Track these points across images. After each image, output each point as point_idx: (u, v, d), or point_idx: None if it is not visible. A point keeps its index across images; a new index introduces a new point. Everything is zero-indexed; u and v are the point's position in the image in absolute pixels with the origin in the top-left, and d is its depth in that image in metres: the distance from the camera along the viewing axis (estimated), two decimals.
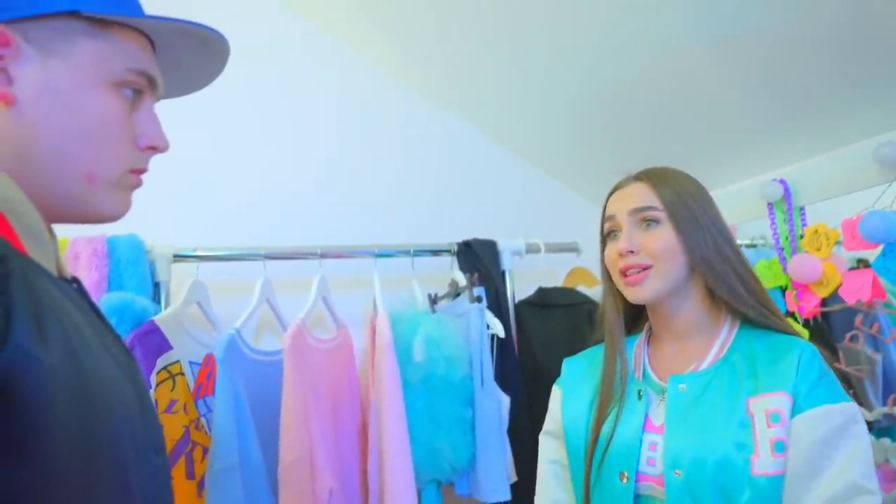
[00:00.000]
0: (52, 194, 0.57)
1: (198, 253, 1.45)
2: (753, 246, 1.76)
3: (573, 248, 1.85)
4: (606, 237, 0.99)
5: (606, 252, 0.99)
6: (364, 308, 1.77)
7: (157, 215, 1.53)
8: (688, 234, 0.91)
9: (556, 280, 1.89)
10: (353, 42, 1.89)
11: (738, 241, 1.68)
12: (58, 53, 0.56)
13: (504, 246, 1.73)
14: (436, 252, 1.70)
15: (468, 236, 1.73)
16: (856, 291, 1.26)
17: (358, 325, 1.73)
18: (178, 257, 1.43)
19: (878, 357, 1.48)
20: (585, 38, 1.48)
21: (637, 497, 0.90)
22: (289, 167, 1.81)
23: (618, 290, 0.99)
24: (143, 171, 0.63)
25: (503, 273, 1.73)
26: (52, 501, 0.43)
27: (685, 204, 0.92)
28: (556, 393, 1.09)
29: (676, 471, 0.84)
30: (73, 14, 0.56)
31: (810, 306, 1.39)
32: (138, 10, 0.62)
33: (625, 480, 0.90)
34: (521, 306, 1.77)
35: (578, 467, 0.99)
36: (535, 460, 1.59)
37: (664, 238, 0.91)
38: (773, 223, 1.50)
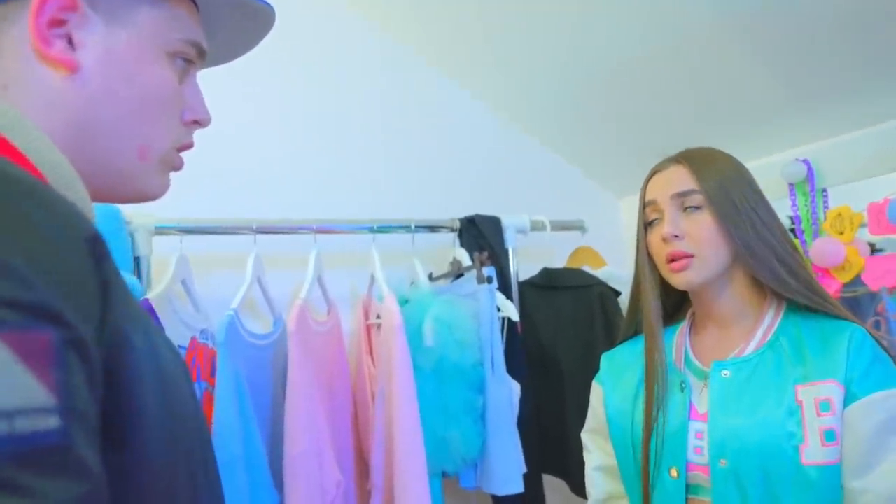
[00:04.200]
0: (102, 171, 0.59)
1: (182, 225, 1.47)
2: None
3: (579, 227, 1.96)
4: (648, 224, 1.08)
5: (650, 238, 1.07)
6: (350, 288, 1.83)
7: None
8: (727, 220, 0.99)
9: (559, 260, 1.99)
10: (352, 6, 1.93)
11: None
12: (120, 20, 0.58)
13: (508, 223, 1.82)
14: (435, 228, 1.78)
15: (468, 212, 1.81)
16: (880, 277, 1.41)
17: (349, 304, 1.80)
18: (160, 230, 1.45)
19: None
20: (597, 13, 1.57)
21: (687, 488, 0.99)
22: (281, 134, 1.84)
23: (657, 277, 1.08)
24: (189, 146, 0.67)
25: (507, 251, 1.82)
26: (144, 491, 0.47)
27: (724, 189, 1.01)
28: (596, 389, 1.19)
29: (722, 460, 0.93)
30: None
31: (831, 291, 1.54)
32: None
33: (675, 475, 0.99)
34: (525, 287, 1.86)
35: (628, 463, 1.09)
36: (538, 452, 1.72)
37: (706, 225, 1.00)
38: (794, 205, 1.64)
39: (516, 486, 1.52)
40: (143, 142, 0.61)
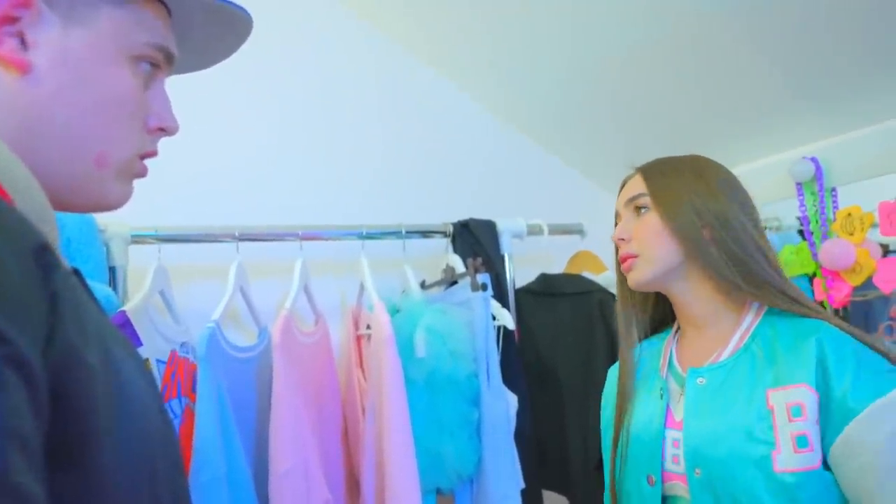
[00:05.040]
0: (57, 177, 0.58)
1: (160, 234, 1.44)
2: (766, 229, 1.88)
3: (577, 231, 1.93)
4: None
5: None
6: (340, 297, 1.80)
7: None
8: (670, 216, 1.03)
9: (557, 265, 1.97)
10: (344, 3, 1.91)
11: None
12: (80, 21, 0.57)
13: (504, 227, 1.80)
14: (427, 233, 1.75)
15: (462, 217, 1.79)
16: (893, 279, 1.38)
17: (333, 315, 1.76)
18: (137, 238, 1.42)
19: None
20: (596, 9, 1.55)
21: (666, 498, 1.00)
22: (265, 136, 1.81)
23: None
24: (152, 154, 0.66)
25: (503, 257, 1.79)
26: None
27: (669, 187, 1.05)
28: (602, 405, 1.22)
29: (697, 469, 0.94)
30: None
31: (841, 295, 1.52)
32: None
33: (652, 484, 1.00)
34: (521, 294, 1.84)
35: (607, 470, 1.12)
36: (537, 467, 1.69)
37: (649, 224, 1.05)
38: (801, 205, 1.61)
39: None
40: (101, 148, 0.59)
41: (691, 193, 1.03)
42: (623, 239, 1.07)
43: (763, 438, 0.90)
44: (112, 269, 1.41)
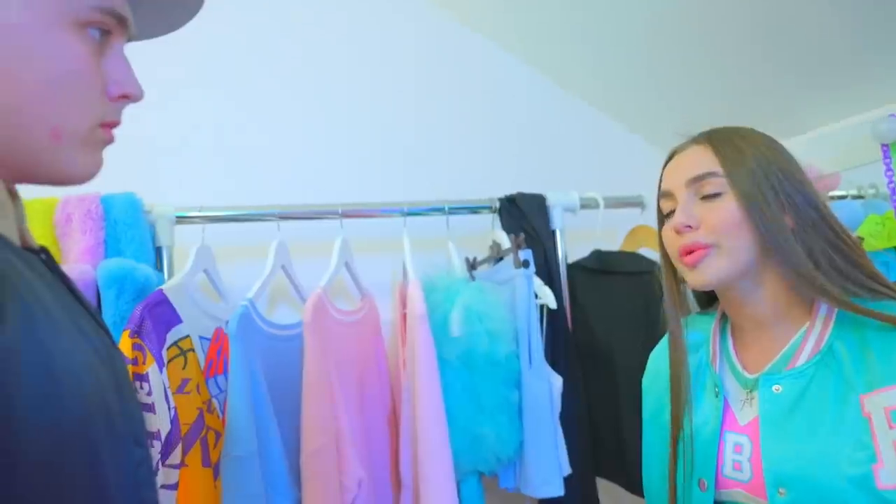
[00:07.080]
0: (12, 153, 0.57)
1: (204, 213, 1.50)
2: (861, 197, 1.73)
3: (637, 203, 1.85)
4: (665, 217, 1.00)
5: (663, 231, 0.99)
6: (391, 274, 1.81)
7: (157, 171, 1.59)
8: (752, 205, 0.89)
9: (615, 241, 1.89)
10: None
11: (843, 192, 1.68)
12: None
13: (555, 201, 1.74)
14: (474, 209, 1.73)
15: (511, 190, 1.75)
16: None
17: (384, 293, 1.78)
18: (182, 219, 1.49)
19: None
20: None
21: None
22: (304, 114, 1.84)
23: (674, 275, 1.01)
24: (115, 124, 0.64)
25: (553, 233, 1.74)
26: (16, 500, 0.46)
27: (750, 169, 0.91)
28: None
29: (781, 489, 0.84)
30: None
31: None
32: None
33: (704, 489, 0.93)
34: (574, 271, 1.77)
35: (653, 472, 1.05)
36: (590, 453, 1.64)
37: (726, 210, 0.90)
38: (888, 169, 1.49)
39: (555, 489, 1.45)
40: (55, 122, 0.58)
41: (772, 174, 0.90)
42: (690, 226, 0.92)
43: (862, 452, 0.80)
44: (158, 250, 1.48)
